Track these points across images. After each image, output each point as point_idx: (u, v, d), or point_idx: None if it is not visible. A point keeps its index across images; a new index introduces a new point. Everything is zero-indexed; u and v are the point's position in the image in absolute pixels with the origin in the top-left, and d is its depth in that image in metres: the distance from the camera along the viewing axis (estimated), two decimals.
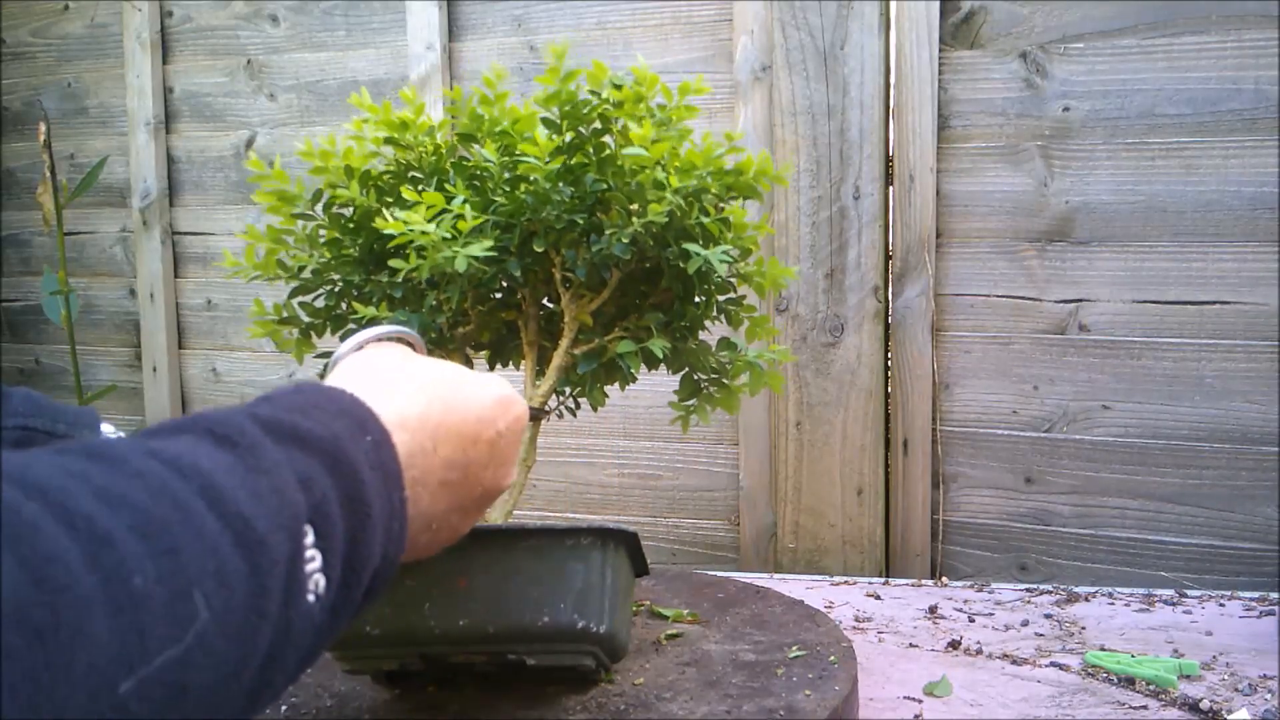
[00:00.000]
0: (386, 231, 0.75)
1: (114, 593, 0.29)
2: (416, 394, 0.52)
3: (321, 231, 0.84)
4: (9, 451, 0.31)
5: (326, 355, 0.87)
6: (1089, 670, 0.92)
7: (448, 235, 0.74)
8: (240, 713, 0.36)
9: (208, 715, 0.33)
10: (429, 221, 0.74)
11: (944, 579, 1.32)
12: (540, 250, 0.79)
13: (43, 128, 1.52)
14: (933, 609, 1.11)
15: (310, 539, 0.39)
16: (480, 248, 0.74)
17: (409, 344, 0.61)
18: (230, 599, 0.34)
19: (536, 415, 0.81)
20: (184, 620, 0.31)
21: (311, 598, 0.39)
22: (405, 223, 0.73)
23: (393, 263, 0.77)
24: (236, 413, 0.41)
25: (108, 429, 0.62)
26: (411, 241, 0.75)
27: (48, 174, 1.53)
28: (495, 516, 0.82)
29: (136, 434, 0.39)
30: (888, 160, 1.35)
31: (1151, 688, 0.88)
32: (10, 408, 0.58)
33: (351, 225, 0.83)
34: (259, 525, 0.36)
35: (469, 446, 0.53)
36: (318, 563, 0.39)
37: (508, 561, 0.72)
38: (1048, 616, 1.08)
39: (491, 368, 0.91)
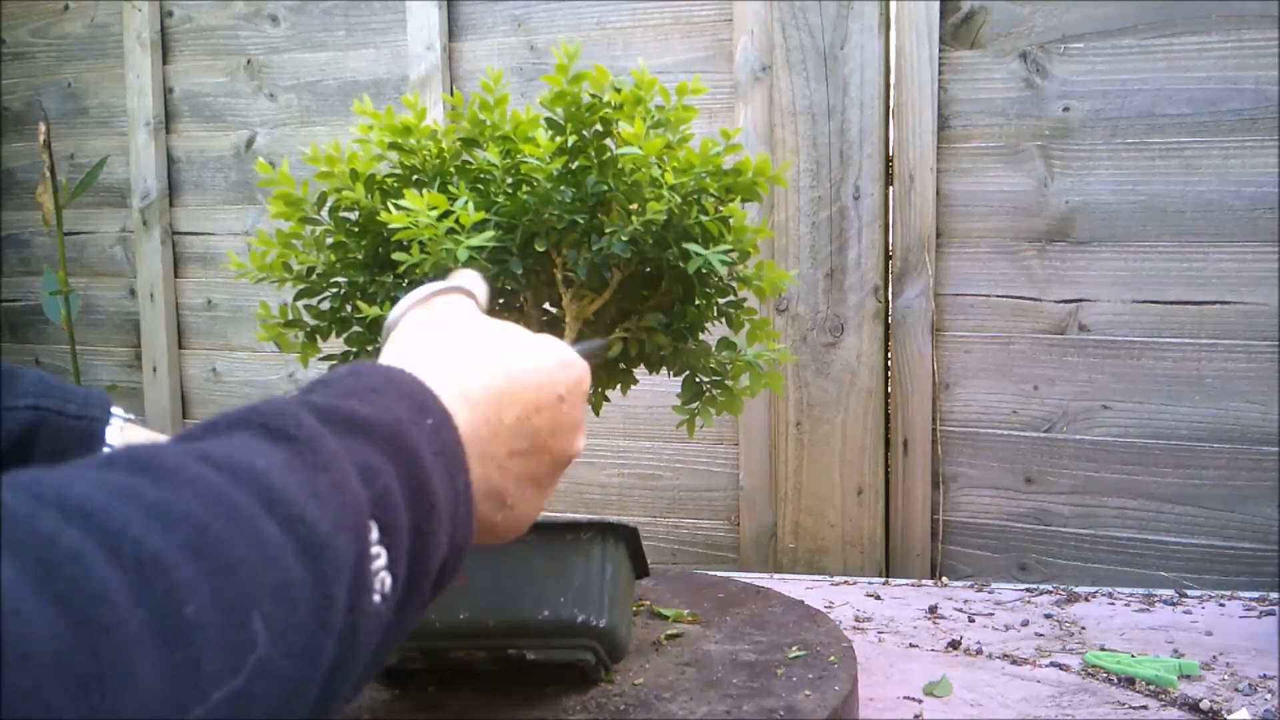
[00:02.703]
0: (391, 225, 0.75)
1: (164, 626, 0.26)
2: (478, 363, 0.49)
3: (328, 235, 0.84)
4: (46, 470, 0.29)
5: (331, 358, 0.88)
6: (1089, 670, 0.92)
7: (451, 228, 0.74)
8: None
9: None
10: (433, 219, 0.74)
11: (944, 579, 1.32)
12: (542, 250, 0.79)
13: (43, 128, 1.52)
14: (933, 609, 1.11)
15: (375, 535, 0.37)
16: (482, 239, 0.74)
17: (469, 293, 0.57)
18: (293, 615, 0.31)
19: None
20: (242, 648, 0.29)
21: (378, 598, 0.37)
22: (408, 214, 0.74)
23: (396, 255, 0.77)
24: (290, 403, 0.39)
25: (118, 412, 0.61)
26: (415, 238, 0.75)
27: (48, 174, 1.53)
28: None
29: (185, 433, 0.36)
30: (888, 160, 1.35)
31: (1151, 688, 0.88)
32: (21, 388, 0.59)
33: (356, 228, 0.83)
34: (321, 528, 0.33)
35: (534, 414, 0.51)
36: (383, 560, 0.37)
37: (508, 556, 0.72)
38: (1048, 616, 1.09)
39: None
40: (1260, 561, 1.25)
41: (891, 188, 1.35)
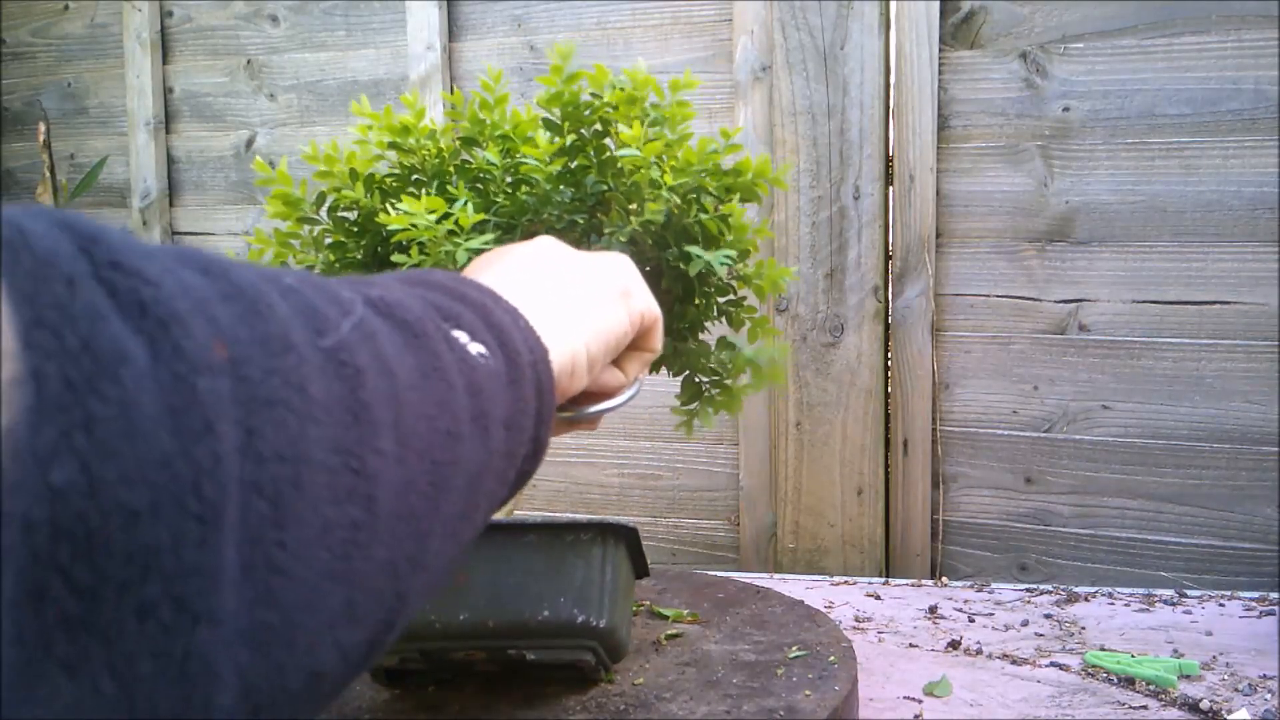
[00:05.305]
0: (390, 226, 0.75)
1: (278, 288, 0.31)
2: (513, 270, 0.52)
3: (326, 235, 0.84)
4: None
5: None
6: (1089, 670, 0.92)
7: (451, 229, 0.74)
8: (474, 476, 0.37)
9: (431, 426, 0.34)
10: (432, 220, 0.74)
11: (944, 579, 1.32)
12: None
13: (43, 128, 1.52)
14: (933, 609, 1.11)
15: (446, 326, 0.39)
16: (481, 241, 0.74)
17: None
18: (380, 329, 0.35)
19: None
20: (345, 306, 0.33)
21: (475, 352, 0.39)
22: (407, 216, 0.74)
23: (395, 258, 0.77)
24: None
25: None
26: (414, 240, 0.75)
27: (48, 174, 1.53)
28: (498, 513, 0.82)
29: None
30: (888, 160, 1.35)
31: (1151, 688, 0.88)
32: None
33: (355, 228, 0.83)
34: (388, 296, 0.37)
35: (557, 263, 0.54)
36: (464, 336, 0.39)
37: (508, 556, 0.72)
38: (1048, 616, 1.09)
39: None
40: (1260, 561, 1.25)
41: (891, 188, 1.35)
